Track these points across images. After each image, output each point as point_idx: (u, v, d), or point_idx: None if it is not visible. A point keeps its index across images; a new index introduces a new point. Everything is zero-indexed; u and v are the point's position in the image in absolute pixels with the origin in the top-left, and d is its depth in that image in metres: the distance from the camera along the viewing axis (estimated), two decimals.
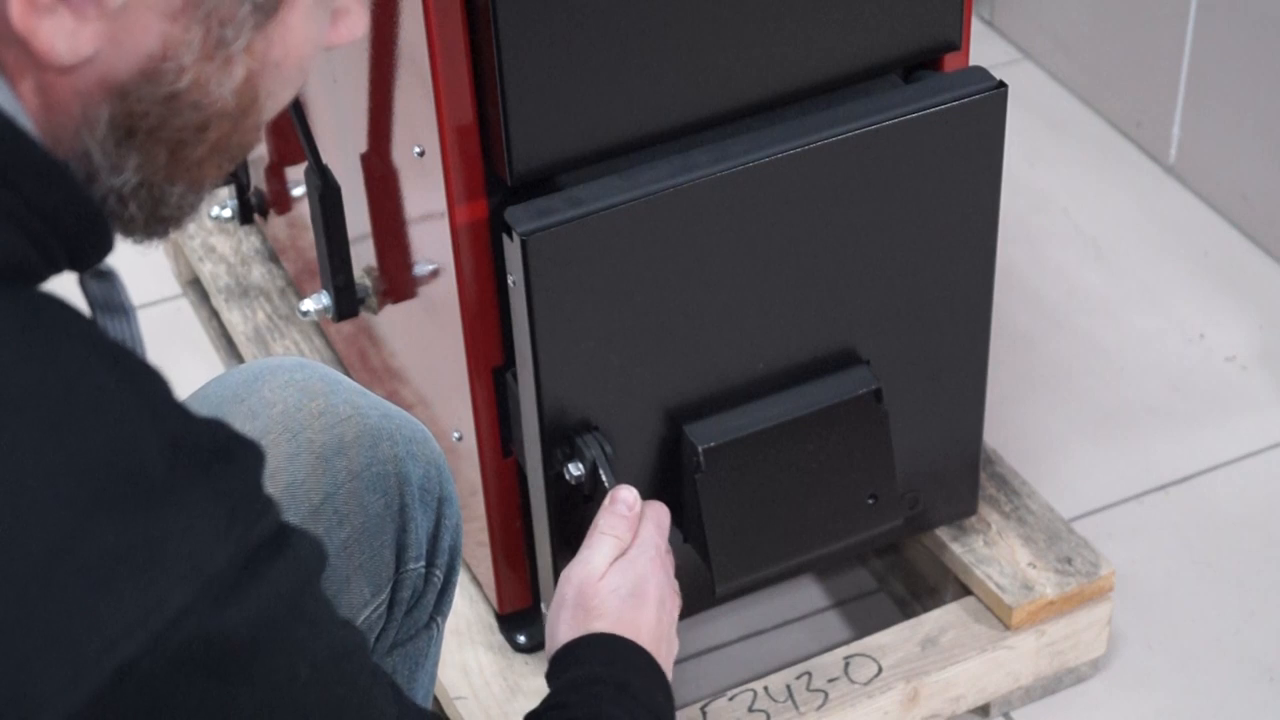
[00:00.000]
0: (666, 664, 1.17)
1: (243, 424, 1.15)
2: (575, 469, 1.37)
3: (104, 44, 0.74)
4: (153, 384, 0.76)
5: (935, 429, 1.54)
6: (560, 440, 1.37)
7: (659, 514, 1.26)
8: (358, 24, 0.85)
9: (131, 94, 0.77)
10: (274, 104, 0.83)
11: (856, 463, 1.45)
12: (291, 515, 1.14)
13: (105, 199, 0.79)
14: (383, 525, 1.17)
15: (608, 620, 1.15)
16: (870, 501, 1.47)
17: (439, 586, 1.23)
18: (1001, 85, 1.40)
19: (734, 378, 1.42)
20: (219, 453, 0.76)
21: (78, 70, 0.75)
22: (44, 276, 0.76)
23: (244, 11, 0.77)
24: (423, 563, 1.21)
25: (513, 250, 1.30)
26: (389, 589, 1.19)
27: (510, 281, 1.32)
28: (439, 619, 1.25)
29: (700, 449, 1.38)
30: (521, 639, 1.58)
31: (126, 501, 0.70)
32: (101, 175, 0.79)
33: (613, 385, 1.37)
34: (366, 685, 0.84)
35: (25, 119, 0.75)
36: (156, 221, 0.83)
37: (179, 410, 0.76)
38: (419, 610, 1.23)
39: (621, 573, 1.19)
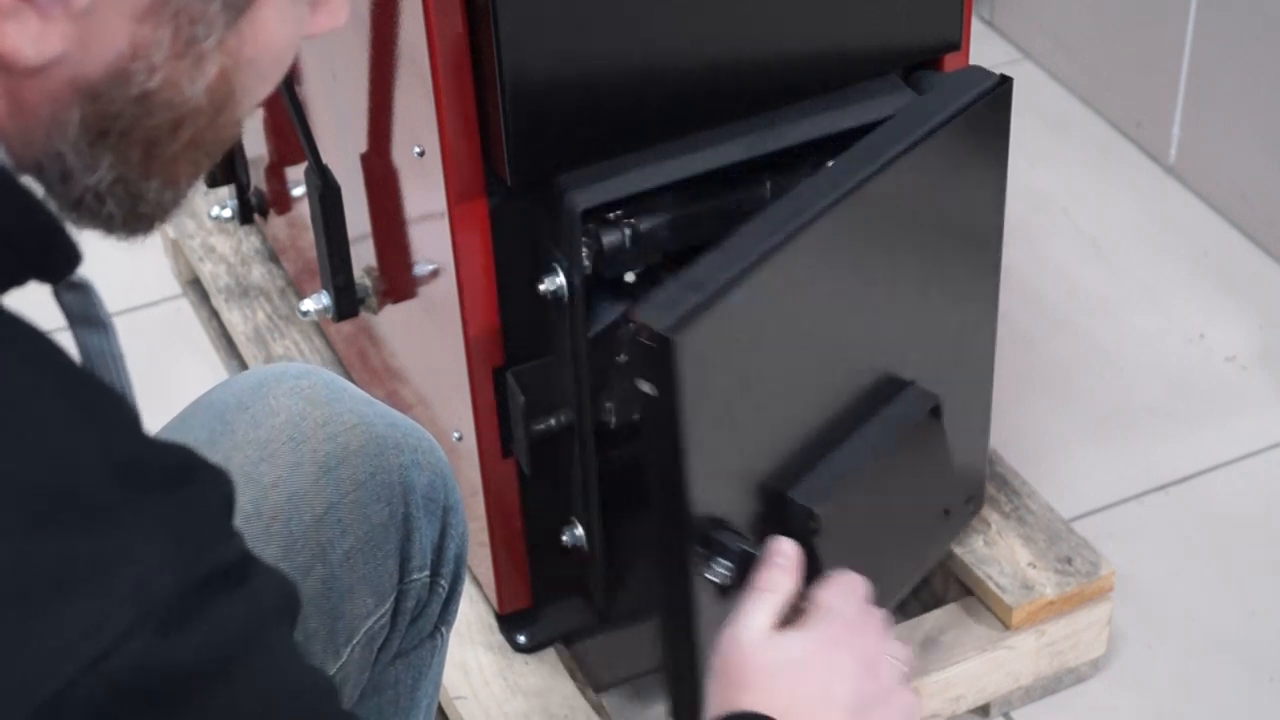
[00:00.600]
0: None
1: (246, 432, 1.15)
2: (722, 567, 1.18)
3: (71, 45, 0.73)
4: (108, 406, 0.74)
5: (956, 432, 1.52)
6: (699, 543, 1.21)
7: (847, 580, 1.08)
8: (339, 11, 0.83)
9: (103, 95, 0.76)
10: (251, 99, 0.81)
11: (929, 480, 1.44)
12: (294, 525, 1.13)
13: (82, 198, 0.78)
14: (386, 535, 1.17)
15: (754, 694, 1.00)
16: (945, 514, 1.46)
17: (444, 596, 1.22)
18: (1006, 79, 1.39)
19: (820, 429, 1.33)
20: (174, 478, 0.73)
21: (46, 72, 0.74)
22: (1, 292, 0.74)
23: (214, 9, 0.75)
24: (427, 572, 1.20)
25: (654, 355, 1.14)
26: (393, 599, 1.18)
27: (647, 389, 1.15)
28: (444, 629, 1.25)
29: (817, 512, 1.26)
30: (521, 639, 1.58)
31: (66, 523, 0.68)
32: (76, 175, 0.78)
33: (735, 468, 1.25)
34: None
35: None
36: (136, 219, 0.81)
37: (134, 434, 0.74)
38: (423, 620, 1.22)
39: (785, 640, 1.03)
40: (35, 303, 0.78)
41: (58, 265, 0.77)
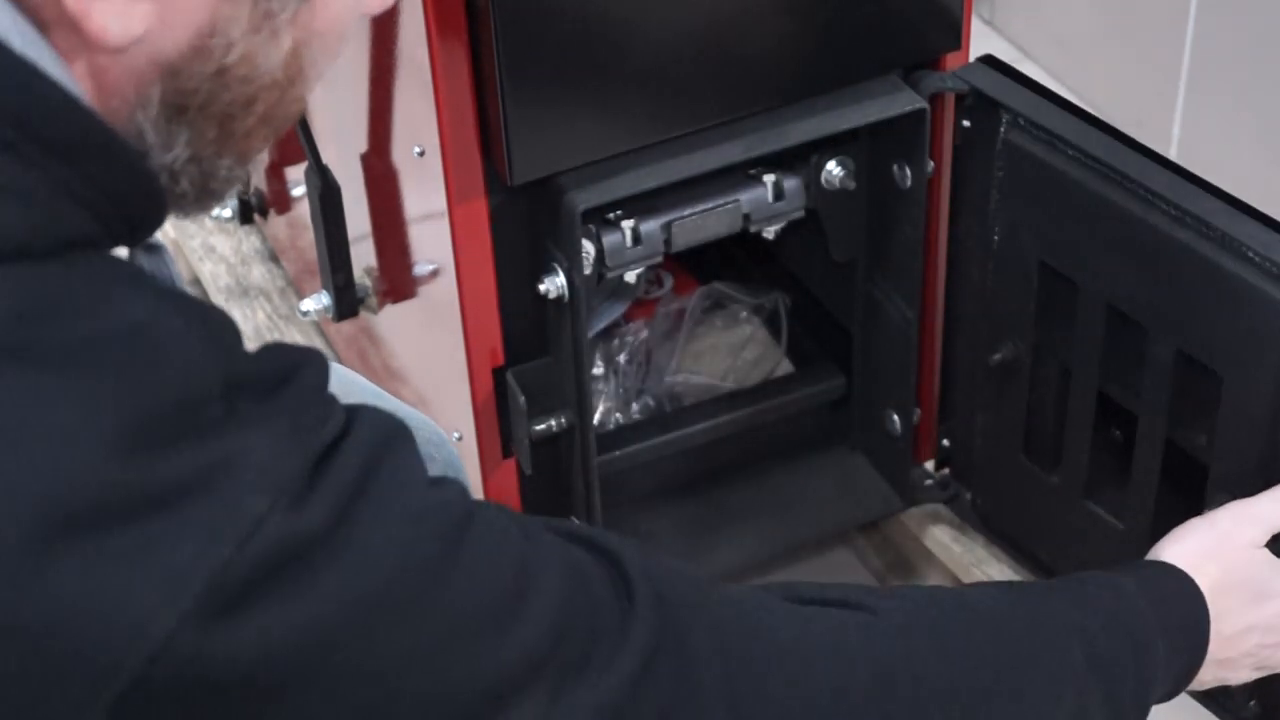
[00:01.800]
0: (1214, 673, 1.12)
1: None
2: None
3: (153, 23, 0.75)
4: (217, 324, 0.77)
5: None
6: None
7: None
8: None
9: (182, 71, 0.78)
10: (317, 73, 0.83)
11: None
12: None
13: (158, 174, 0.81)
14: None
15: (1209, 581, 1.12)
16: None
17: None
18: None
19: None
20: (282, 377, 0.78)
21: (128, 51, 0.76)
22: (106, 247, 0.78)
23: None
24: None
25: None
26: None
27: None
28: None
29: None
30: None
31: (194, 433, 0.73)
32: (153, 153, 0.80)
33: None
34: (458, 534, 0.81)
35: (85, 98, 0.76)
36: (206, 195, 0.84)
37: (242, 350, 0.78)
38: None
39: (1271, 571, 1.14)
40: None
41: (150, 225, 0.81)
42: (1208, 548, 1.14)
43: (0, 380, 0.70)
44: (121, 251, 0.81)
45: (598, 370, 1.67)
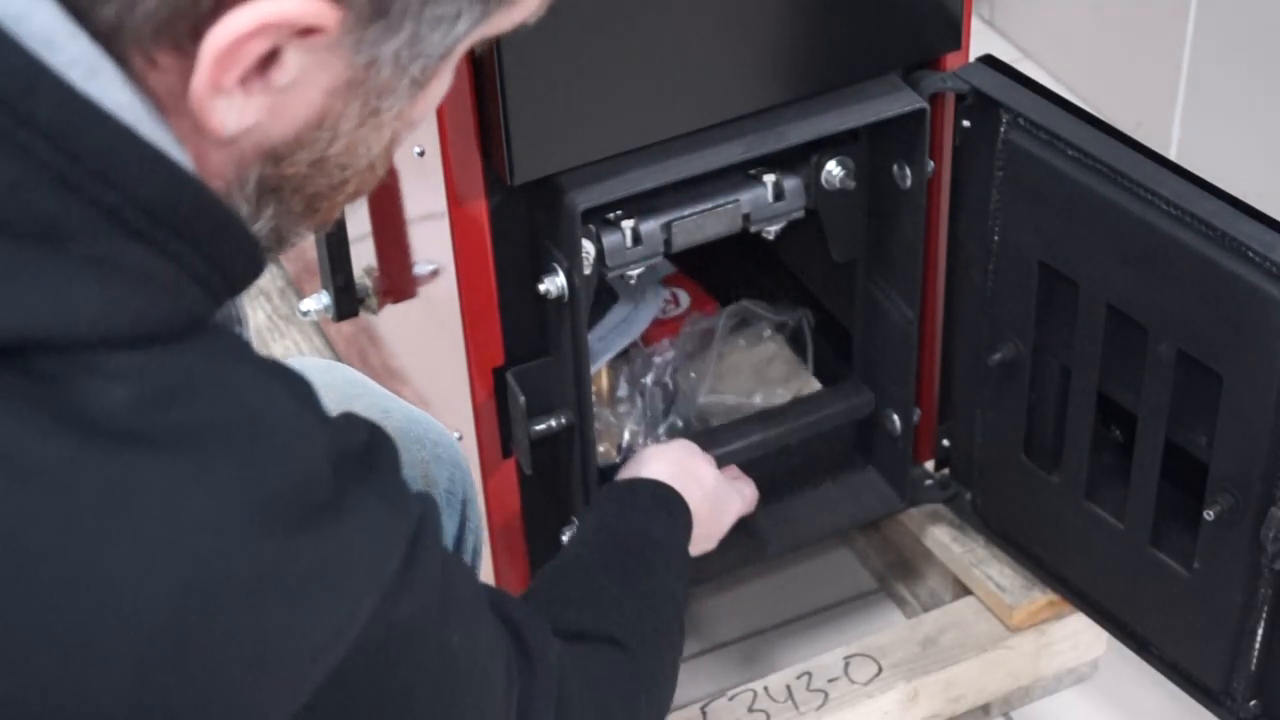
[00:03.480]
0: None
1: None
2: None
3: (265, 115, 0.76)
4: (309, 394, 0.79)
5: None
6: None
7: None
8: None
9: (284, 158, 0.79)
10: (398, 149, 0.86)
11: None
12: None
13: (261, 246, 0.82)
14: None
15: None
16: None
17: None
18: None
19: None
20: (369, 454, 0.80)
21: (236, 139, 0.77)
22: (213, 315, 0.79)
23: (403, 85, 0.78)
24: None
25: None
26: None
27: None
28: None
29: None
30: None
31: (315, 519, 0.75)
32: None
33: None
34: (490, 633, 0.92)
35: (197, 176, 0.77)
36: (276, 254, 0.86)
37: (329, 417, 0.80)
38: None
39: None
40: None
41: (249, 284, 0.82)
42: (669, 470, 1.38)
43: (133, 466, 0.71)
44: None
45: (622, 393, 1.65)
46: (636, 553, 1.25)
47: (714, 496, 1.42)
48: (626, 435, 1.63)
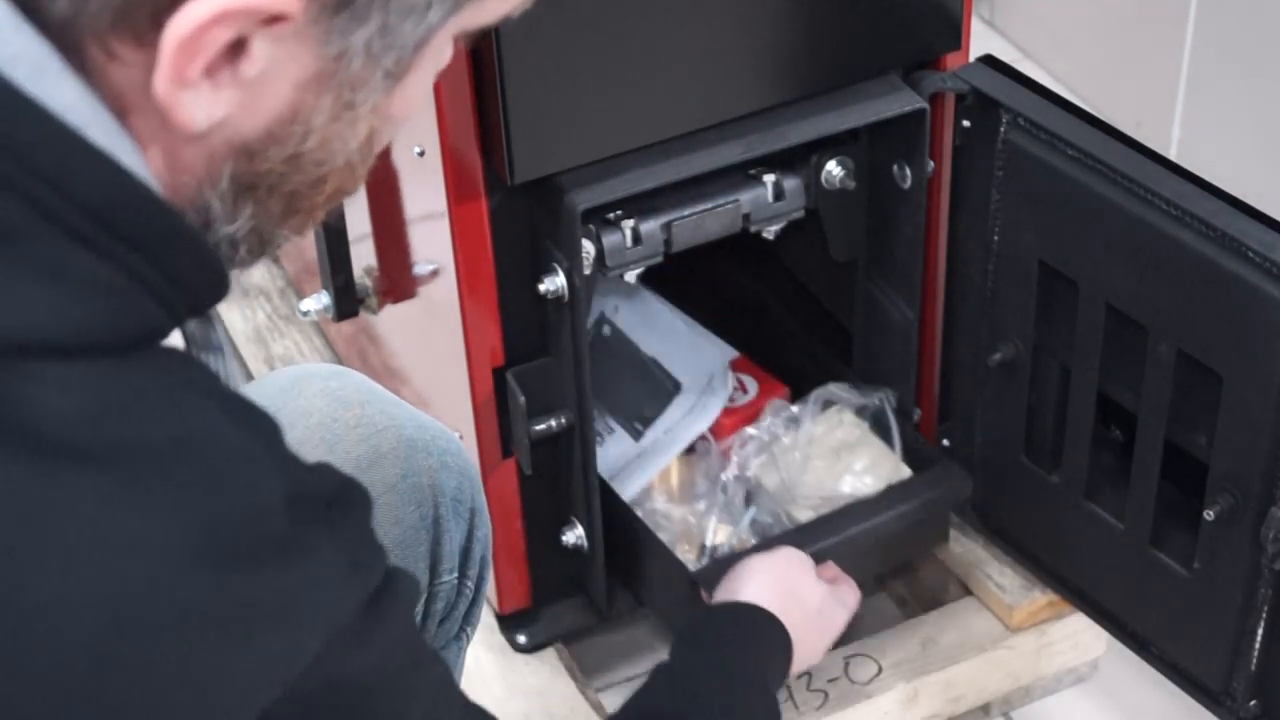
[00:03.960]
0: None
1: None
2: None
3: (235, 109, 0.74)
4: (272, 433, 0.77)
5: None
6: None
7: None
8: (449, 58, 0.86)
9: (257, 154, 0.77)
10: (380, 148, 0.83)
11: None
12: None
13: (218, 244, 0.80)
14: (418, 537, 1.18)
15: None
16: None
17: (470, 598, 1.23)
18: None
19: None
20: (335, 501, 0.78)
21: (207, 134, 0.75)
22: (169, 332, 0.77)
23: (376, 77, 0.76)
24: (455, 574, 1.21)
25: None
26: (423, 601, 1.19)
27: None
28: (468, 629, 1.26)
29: None
30: (521, 639, 1.58)
31: (259, 556, 0.72)
32: (217, 224, 0.79)
33: None
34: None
35: (154, 183, 0.75)
36: (260, 256, 0.84)
37: (294, 459, 0.77)
38: (450, 622, 1.23)
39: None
40: None
41: (213, 301, 0.80)
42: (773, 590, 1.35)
43: (64, 480, 0.68)
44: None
45: (699, 489, 1.59)
46: (725, 692, 1.21)
47: (819, 617, 1.38)
48: (709, 536, 1.56)
